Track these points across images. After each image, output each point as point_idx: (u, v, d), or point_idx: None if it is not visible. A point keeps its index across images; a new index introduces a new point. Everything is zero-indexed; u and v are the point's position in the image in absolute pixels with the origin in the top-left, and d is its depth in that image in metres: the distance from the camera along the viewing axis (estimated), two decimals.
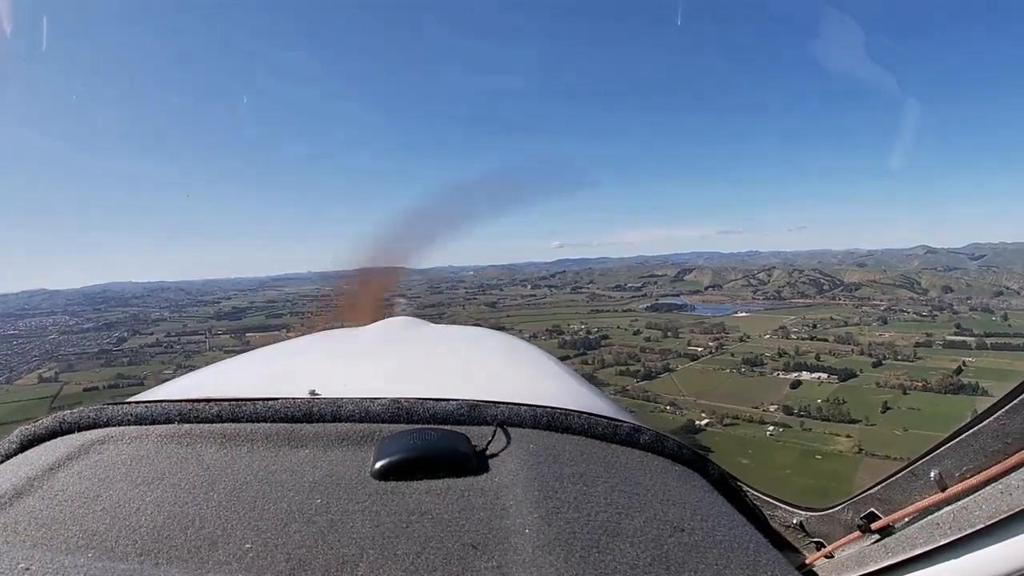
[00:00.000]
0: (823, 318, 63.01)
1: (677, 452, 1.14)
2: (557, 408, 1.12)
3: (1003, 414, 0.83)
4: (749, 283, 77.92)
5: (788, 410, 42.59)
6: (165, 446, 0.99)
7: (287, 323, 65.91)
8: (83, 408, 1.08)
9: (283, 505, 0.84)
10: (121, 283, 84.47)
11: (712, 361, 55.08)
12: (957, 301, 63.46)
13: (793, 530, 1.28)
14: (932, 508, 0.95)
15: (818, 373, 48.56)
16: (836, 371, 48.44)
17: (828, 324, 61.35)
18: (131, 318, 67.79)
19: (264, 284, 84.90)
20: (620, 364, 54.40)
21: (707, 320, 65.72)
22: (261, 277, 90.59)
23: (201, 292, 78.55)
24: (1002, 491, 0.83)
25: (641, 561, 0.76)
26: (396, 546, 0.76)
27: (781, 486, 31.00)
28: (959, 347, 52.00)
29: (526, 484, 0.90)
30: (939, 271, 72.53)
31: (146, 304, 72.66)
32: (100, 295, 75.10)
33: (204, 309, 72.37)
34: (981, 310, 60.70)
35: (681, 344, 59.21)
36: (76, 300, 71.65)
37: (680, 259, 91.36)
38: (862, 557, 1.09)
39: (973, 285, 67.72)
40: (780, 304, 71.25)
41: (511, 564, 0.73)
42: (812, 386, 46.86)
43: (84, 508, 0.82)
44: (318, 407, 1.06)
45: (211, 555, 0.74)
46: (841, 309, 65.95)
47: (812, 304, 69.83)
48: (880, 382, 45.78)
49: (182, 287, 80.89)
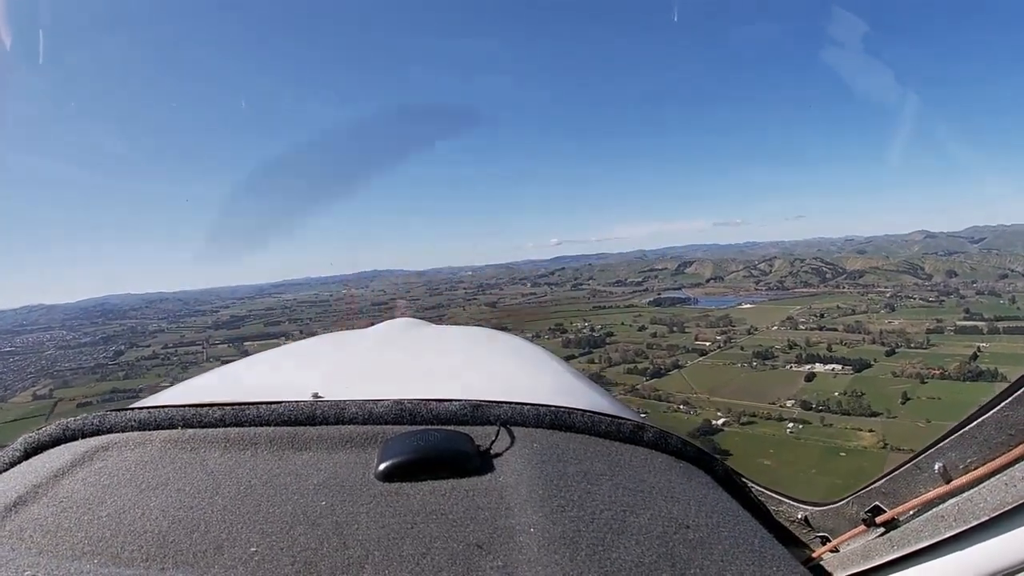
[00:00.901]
0: (829, 307, 61.31)
1: (681, 449, 1.14)
2: (560, 407, 1.12)
3: (1007, 405, 0.83)
4: (751, 274, 76.29)
5: (806, 405, 40.49)
6: (169, 451, 0.99)
7: (285, 331, 65.27)
8: (87, 415, 1.08)
9: (288, 508, 0.84)
10: (119, 295, 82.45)
11: (721, 356, 53.08)
12: (963, 285, 61.99)
13: (798, 525, 1.27)
14: (937, 501, 0.95)
15: (832, 365, 46.53)
16: (850, 362, 46.38)
17: (835, 313, 59.65)
18: (128, 331, 66.23)
19: (262, 292, 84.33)
20: (627, 362, 52.40)
21: (712, 313, 63.89)
22: (259, 285, 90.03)
23: (199, 302, 77.24)
24: (1007, 483, 0.83)
25: (647, 558, 0.75)
26: (402, 547, 0.75)
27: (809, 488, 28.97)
28: (971, 332, 50.29)
29: (530, 483, 0.90)
30: (940, 255, 71.22)
31: (144, 316, 71.05)
32: (98, 308, 73.48)
33: (202, 319, 70.96)
34: (988, 294, 59.27)
35: (688, 339, 57.25)
36: (74, 314, 70.16)
37: (678, 252, 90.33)
38: (867, 551, 1.08)
39: (977, 269, 66.09)
40: (784, 294, 69.54)
41: (517, 563, 0.73)
42: (827, 378, 44.89)
43: (89, 514, 0.82)
44: (321, 409, 1.05)
45: (217, 559, 0.74)
46: (846, 297, 64.24)
47: (816, 293, 68.14)
48: (896, 371, 43.70)
49: (180, 297, 79.55)
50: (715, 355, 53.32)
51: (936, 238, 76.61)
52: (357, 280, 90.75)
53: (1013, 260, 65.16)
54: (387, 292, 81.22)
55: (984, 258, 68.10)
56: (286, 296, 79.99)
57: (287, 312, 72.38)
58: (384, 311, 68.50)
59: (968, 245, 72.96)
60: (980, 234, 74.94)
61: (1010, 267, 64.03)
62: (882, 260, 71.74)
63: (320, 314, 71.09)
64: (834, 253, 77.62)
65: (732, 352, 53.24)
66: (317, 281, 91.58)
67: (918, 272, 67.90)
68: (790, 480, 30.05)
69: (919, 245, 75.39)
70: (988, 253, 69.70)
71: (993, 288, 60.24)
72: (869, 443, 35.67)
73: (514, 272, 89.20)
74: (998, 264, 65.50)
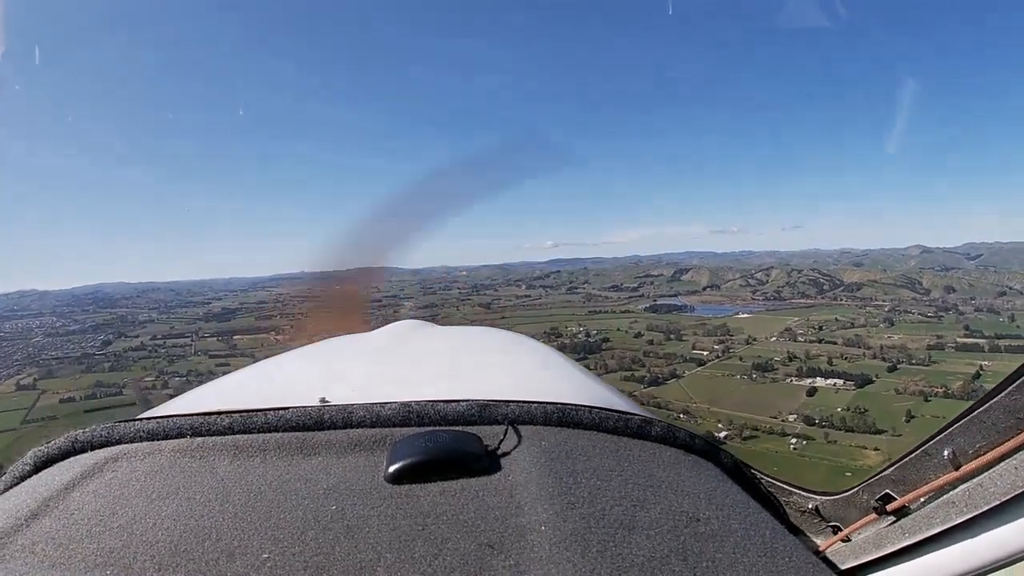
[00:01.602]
0: (828, 319, 60.00)
1: (689, 442, 1.13)
2: (567, 404, 1.11)
3: (1014, 389, 0.84)
4: (747, 283, 74.95)
5: (809, 420, 39.01)
6: (178, 460, 0.98)
7: (276, 325, 63.46)
8: (95, 426, 1.08)
9: (298, 513, 0.83)
10: (113, 283, 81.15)
11: (720, 366, 51.54)
12: (961, 302, 61.02)
13: (809, 515, 1.27)
14: (947, 487, 0.94)
15: (833, 379, 45.00)
16: (852, 376, 44.91)
17: (833, 326, 58.33)
18: (118, 320, 64.57)
19: (256, 284, 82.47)
20: (624, 369, 50.67)
21: (708, 322, 62.36)
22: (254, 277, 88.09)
23: (191, 292, 75.30)
24: (1016, 467, 0.83)
25: (658, 553, 0.75)
26: (413, 549, 0.75)
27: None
28: (972, 350, 49.01)
29: (540, 481, 0.89)
30: (937, 271, 70.26)
31: (135, 305, 69.42)
32: (90, 296, 71.67)
33: (193, 310, 69.30)
34: (987, 311, 58.35)
35: (685, 347, 55.65)
36: (65, 301, 68.47)
37: (674, 258, 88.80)
38: (879, 539, 1.08)
39: (975, 285, 64.94)
40: (781, 305, 68.11)
41: (528, 562, 0.73)
42: (829, 393, 43.43)
43: (100, 526, 0.82)
44: (329, 414, 1.05)
45: (229, 566, 0.73)
46: (844, 310, 62.95)
47: (814, 305, 66.93)
48: (899, 388, 42.39)
49: (172, 287, 77.77)
50: (713, 365, 51.79)
51: (932, 253, 76.02)
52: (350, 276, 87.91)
53: (1011, 278, 64.51)
54: (380, 290, 78.93)
55: (983, 275, 67.26)
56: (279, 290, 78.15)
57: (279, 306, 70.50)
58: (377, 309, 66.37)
59: (965, 261, 72.46)
60: (976, 251, 74.30)
61: (1008, 284, 63.26)
62: (880, 273, 70.70)
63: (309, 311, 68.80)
64: (831, 265, 76.57)
65: (731, 363, 51.75)
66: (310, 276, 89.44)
67: (916, 287, 66.90)
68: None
69: (915, 260, 74.73)
70: (985, 270, 68.94)
71: (992, 305, 59.32)
72: (875, 462, 34.14)
73: (509, 273, 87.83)
74: (996, 281, 64.72)
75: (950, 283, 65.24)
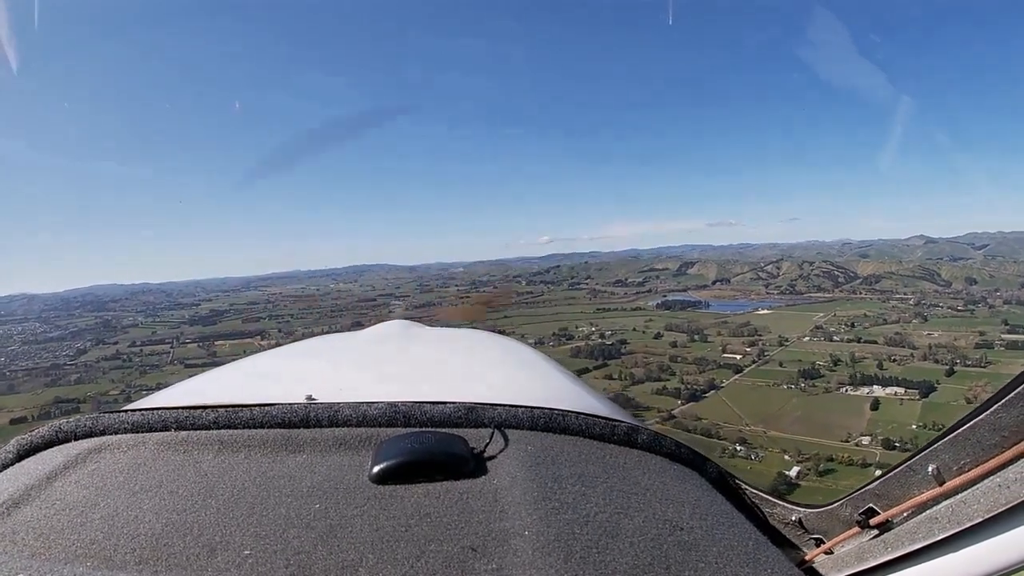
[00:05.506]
0: (856, 315, 53.38)
1: (675, 451, 1.09)
2: (554, 409, 1.07)
3: (1000, 407, 0.80)
4: (758, 276, 67.71)
5: (888, 444, 31.42)
6: (162, 454, 0.94)
7: (264, 328, 55.84)
8: (79, 417, 1.03)
9: (281, 511, 0.80)
10: (106, 286, 74.64)
11: (758, 372, 44.11)
12: (987, 294, 53.92)
13: (792, 527, 1.22)
14: (930, 503, 0.91)
15: (892, 388, 37.82)
16: (913, 384, 37.74)
17: (865, 322, 51.47)
18: (101, 325, 57.52)
19: (249, 284, 75.50)
20: (652, 379, 42.88)
21: (729, 319, 55.21)
22: (247, 277, 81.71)
23: (183, 293, 68.51)
24: (1000, 485, 0.80)
25: (641, 561, 0.73)
26: (395, 550, 0.72)
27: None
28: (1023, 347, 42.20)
29: (524, 486, 0.86)
30: (947, 261, 63.67)
31: (123, 308, 62.44)
32: (78, 300, 64.83)
33: (180, 313, 62.25)
34: (1015, 303, 51.26)
35: (714, 350, 48.02)
36: (53, 305, 62.09)
37: (674, 252, 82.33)
38: (861, 552, 1.04)
39: (996, 276, 57.22)
40: (798, 299, 61.21)
41: (511, 566, 0.70)
42: (893, 404, 36.36)
43: (82, 517, 0.79)
44: (315, 412, 1.01)
45: (210, 562, 0.71)
46: (869, 304, 56.11)
47: (834, 299, 60.35)
48: (969, 397, 35.25)
49: (164, 289, 71.02)
50: (751, 371, 44.36)
51: (937, 243, 70.56)
52: (346, 274, 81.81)
53: None
54: (376, 288, 71.75)
55: (1002, 265, 60.20)
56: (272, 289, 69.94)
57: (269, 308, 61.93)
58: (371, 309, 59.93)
59: (971, 251, 67.17)
60: (980, 240, 69.02)
61: None
62: (895, 264, 63.97)
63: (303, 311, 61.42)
64: (835, 256, 70.31)
65: (770, 369, 44.46)
66: (306, 274, 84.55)
67: (935, 278, 60.11)
68: None
69: (921, 250, 69.06)
70: (993, 259, 62.63)
71: (1018, 297, 52.50)
72: None
73: (507, 269, 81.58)
74: (1017, 272, 57.68)
75: (970, 274, 58.61)
